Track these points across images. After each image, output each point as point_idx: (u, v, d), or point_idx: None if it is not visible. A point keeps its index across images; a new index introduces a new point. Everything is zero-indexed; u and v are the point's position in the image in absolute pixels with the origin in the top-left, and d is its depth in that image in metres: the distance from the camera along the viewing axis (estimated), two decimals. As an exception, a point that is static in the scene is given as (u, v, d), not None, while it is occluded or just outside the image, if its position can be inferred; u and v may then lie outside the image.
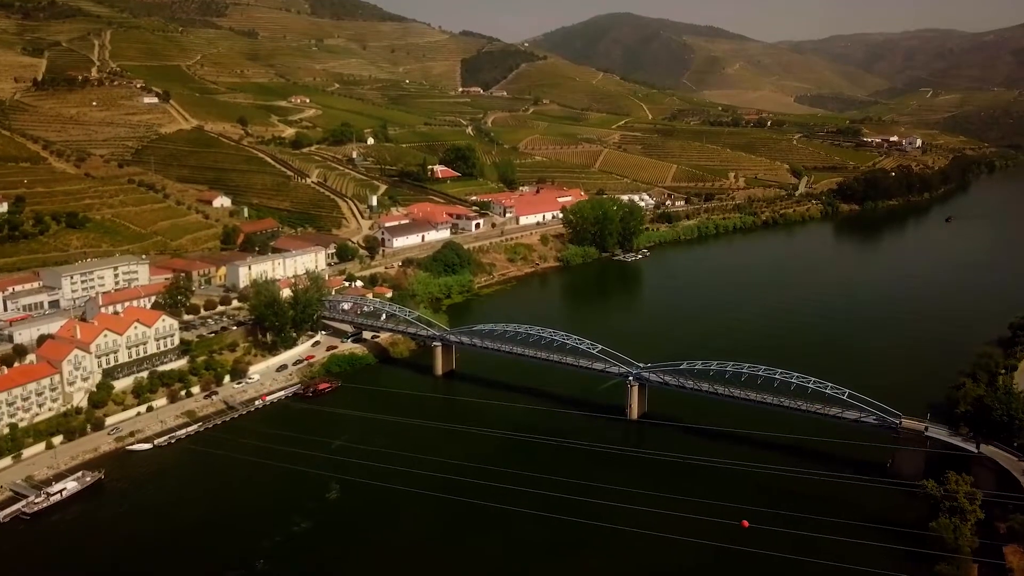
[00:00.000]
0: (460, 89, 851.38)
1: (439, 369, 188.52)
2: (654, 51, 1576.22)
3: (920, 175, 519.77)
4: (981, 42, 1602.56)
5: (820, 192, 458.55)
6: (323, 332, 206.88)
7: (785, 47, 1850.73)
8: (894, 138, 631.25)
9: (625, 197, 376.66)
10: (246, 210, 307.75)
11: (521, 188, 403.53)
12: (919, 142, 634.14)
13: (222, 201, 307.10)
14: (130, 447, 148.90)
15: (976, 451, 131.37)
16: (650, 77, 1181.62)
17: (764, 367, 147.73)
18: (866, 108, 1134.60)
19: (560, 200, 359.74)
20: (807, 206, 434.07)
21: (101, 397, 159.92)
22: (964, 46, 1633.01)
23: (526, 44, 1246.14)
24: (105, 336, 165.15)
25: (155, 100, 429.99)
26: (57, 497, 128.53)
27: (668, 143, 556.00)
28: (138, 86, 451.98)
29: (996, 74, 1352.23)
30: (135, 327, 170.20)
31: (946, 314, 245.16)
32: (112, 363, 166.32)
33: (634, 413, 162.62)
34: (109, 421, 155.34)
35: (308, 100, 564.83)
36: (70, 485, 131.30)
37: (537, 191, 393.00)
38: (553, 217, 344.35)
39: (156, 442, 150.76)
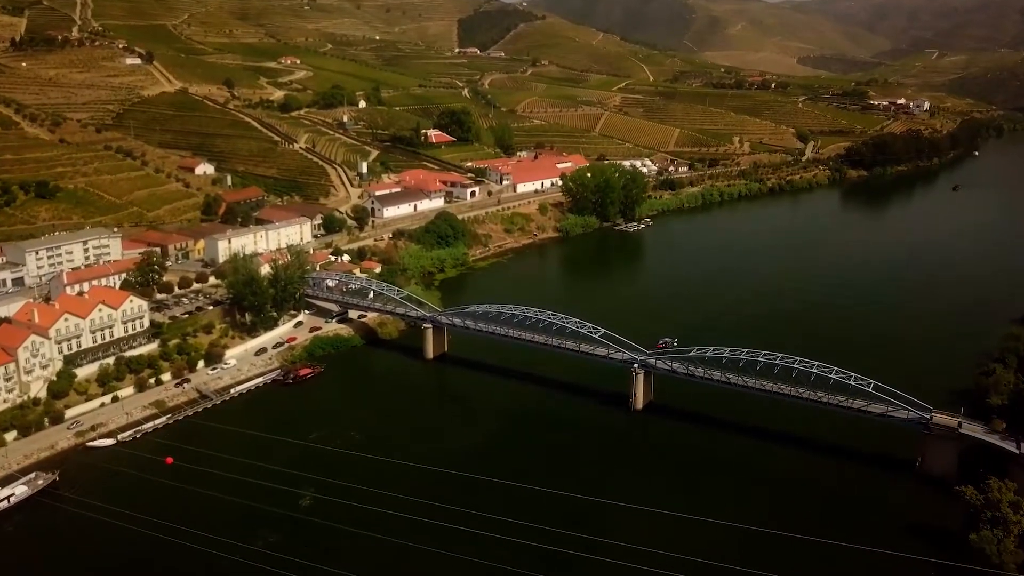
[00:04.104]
0: (456, 50, 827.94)
1: (430, 352, 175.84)
2: (654, 10, 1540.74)
3: (929, 139, 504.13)
4: (987, 0, 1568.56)
5: (827, 157, 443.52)
6: (307, 311, 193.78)
7: (787, 7, 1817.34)
8: (901, 101, 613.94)
9: (627, 163, 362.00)
10: (230, 178, 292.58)
11: (519, 154, 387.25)
12: (927, 105, 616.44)
13: (205, 168, 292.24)
14: (91, 443, 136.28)
15: (1017, 451, 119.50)
16: (651, 37, 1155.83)
17: (781, 355, 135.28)
18: (870, 70, 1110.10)
19: (559, 167, 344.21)
20: (814, 172, 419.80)
21: (62, 387, 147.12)
22: (969, 5, 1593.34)
23: (524, 3, 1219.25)
24: (66, 320, 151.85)
25: (138, 61, 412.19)
26: (4, 504, 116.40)
27: (670, 106, 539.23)
28: (120, 47, 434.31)
29: (1003, 34, 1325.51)
30: (99, 309, 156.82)
31: (961, 289, 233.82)
32: (74, 349, 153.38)
33: (639, 402, 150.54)
34: (69, 413, 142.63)
35: (299, 61, 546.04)
36: (19, 490, 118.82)
37: (535, 157, 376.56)
38: (552, 185, 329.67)
39: (120, 437, 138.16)
